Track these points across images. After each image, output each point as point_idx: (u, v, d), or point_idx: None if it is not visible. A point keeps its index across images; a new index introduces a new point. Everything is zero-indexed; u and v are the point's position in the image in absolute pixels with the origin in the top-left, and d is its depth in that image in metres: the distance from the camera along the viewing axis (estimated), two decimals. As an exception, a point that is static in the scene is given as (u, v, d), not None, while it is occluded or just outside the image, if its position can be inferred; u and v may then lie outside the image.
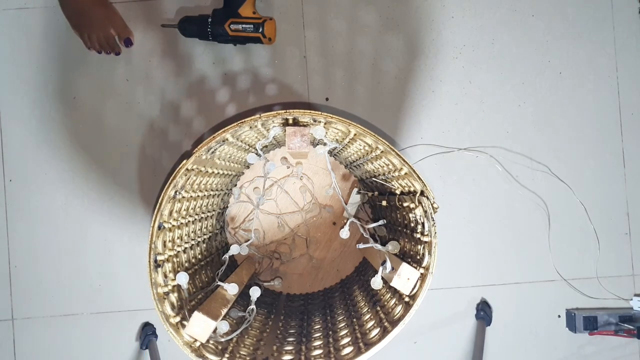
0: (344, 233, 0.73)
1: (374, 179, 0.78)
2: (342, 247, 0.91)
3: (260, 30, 0.83)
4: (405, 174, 0.61)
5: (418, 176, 0.59)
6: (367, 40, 0.92)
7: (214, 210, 0.81)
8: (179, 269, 0.63)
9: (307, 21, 0.91)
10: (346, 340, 0.64)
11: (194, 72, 0.91)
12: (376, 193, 0.80)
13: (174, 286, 0.61)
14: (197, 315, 0.58)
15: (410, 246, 0.66)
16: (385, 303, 0.66)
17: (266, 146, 0.83)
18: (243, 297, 0.76)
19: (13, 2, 0.90)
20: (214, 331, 0.60)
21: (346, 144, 0.71)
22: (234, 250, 0.80)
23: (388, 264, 0.63)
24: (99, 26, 0.85)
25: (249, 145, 0.74)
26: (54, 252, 0.91)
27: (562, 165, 0.93)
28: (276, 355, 0.64)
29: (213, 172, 0.71)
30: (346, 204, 0.88)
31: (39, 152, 0.91)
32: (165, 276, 0.59)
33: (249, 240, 0.87)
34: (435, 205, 0.59)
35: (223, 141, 0.62)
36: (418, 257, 0.61)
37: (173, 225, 0.62)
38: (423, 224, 0.61)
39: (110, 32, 0.86)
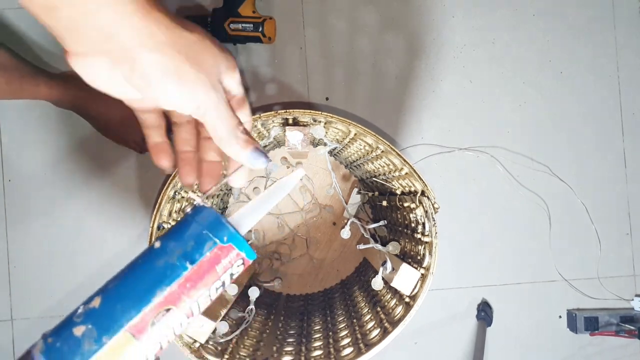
0: (345, 233, 0.73)
1: (374, 179, 0.78)
2: (342, 248, 0.91)
3: (260, 29, 0.83)
4: (406, 173, 0.61)
5: (419, 176, 0.59)
6: (367, 40, 0.91)
7: (213, 211, 0.80)
8: (178, 270, 0.63)
9: (307, 21, 0.91)
10: (346, 340, 0.64)
11: (193, 72, 0.90)
12: (376, 193, 0.80)
13: (173, 287, 0.61)
14: (196, 315, 0.57)
15: (411, 246, 0.66)
16: (386, 303, 0.66)
17: (266, 146, 0.82)
18: (243, 298, 0.76)
19: (14, 2, 0.89)
20: (214, 332, 0.60)
21: (346, 144, 0.71)
22: (233, 250, 0.80)
23: (388, 265, 0.63)
24: (138, 128, 0.86)
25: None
26: (53, 252, 0.90)
27: (563, 165, 0.93)
28: (276, 356, 0.63)
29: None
30: (347, 204, 0.88)
31: (39, 152, 0.90)
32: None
33: (248, 240, 0.87)
34: (436, 206, 0.59)
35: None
36: (419, 258, 0.61)
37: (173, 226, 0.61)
38: (424, 224, 0.60)
39: None
